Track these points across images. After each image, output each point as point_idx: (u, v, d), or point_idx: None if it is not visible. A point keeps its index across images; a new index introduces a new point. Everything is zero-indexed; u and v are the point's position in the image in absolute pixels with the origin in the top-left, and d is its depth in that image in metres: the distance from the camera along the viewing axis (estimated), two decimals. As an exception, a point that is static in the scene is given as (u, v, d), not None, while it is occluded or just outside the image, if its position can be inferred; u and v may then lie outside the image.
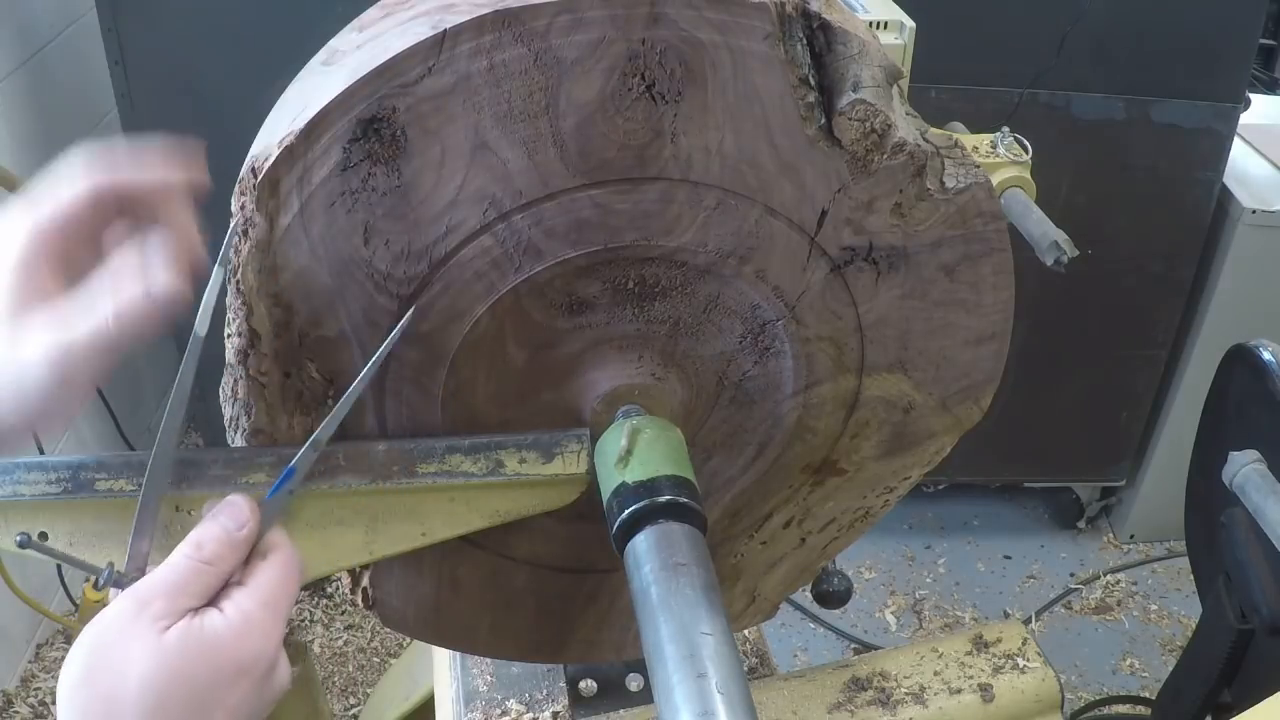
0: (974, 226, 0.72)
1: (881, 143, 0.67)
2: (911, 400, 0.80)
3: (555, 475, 0.71)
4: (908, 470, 0.85)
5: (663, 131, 0.65)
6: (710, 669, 0.56)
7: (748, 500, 0.83)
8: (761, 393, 0.78)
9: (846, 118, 0.66)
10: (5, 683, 2.16)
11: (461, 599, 0.83)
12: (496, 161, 0.64)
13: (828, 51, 0.65)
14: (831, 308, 0.74)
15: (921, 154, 0.69)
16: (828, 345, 0.75)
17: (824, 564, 0.91)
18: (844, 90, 0.66)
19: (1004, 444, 2.57)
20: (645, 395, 0.75)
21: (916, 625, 2.50)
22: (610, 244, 0.68)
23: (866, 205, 0.70)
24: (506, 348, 0.72)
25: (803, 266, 0.71)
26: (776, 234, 0.70)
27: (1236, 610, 1.31)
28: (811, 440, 0.80)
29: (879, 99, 0.66)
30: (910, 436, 0.82)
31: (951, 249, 0.73)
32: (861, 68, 0.66)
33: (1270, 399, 1.27)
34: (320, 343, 0.69)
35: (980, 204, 0.71)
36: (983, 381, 0.80)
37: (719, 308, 0.74)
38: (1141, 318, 2.42)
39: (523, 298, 0.70)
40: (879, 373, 0.78)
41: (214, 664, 0.55)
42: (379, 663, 2.34)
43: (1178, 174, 2.24)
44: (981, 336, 0.77)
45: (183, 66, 2.13)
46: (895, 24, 1.55)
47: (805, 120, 0.66)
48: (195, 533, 0.59)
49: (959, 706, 0.91)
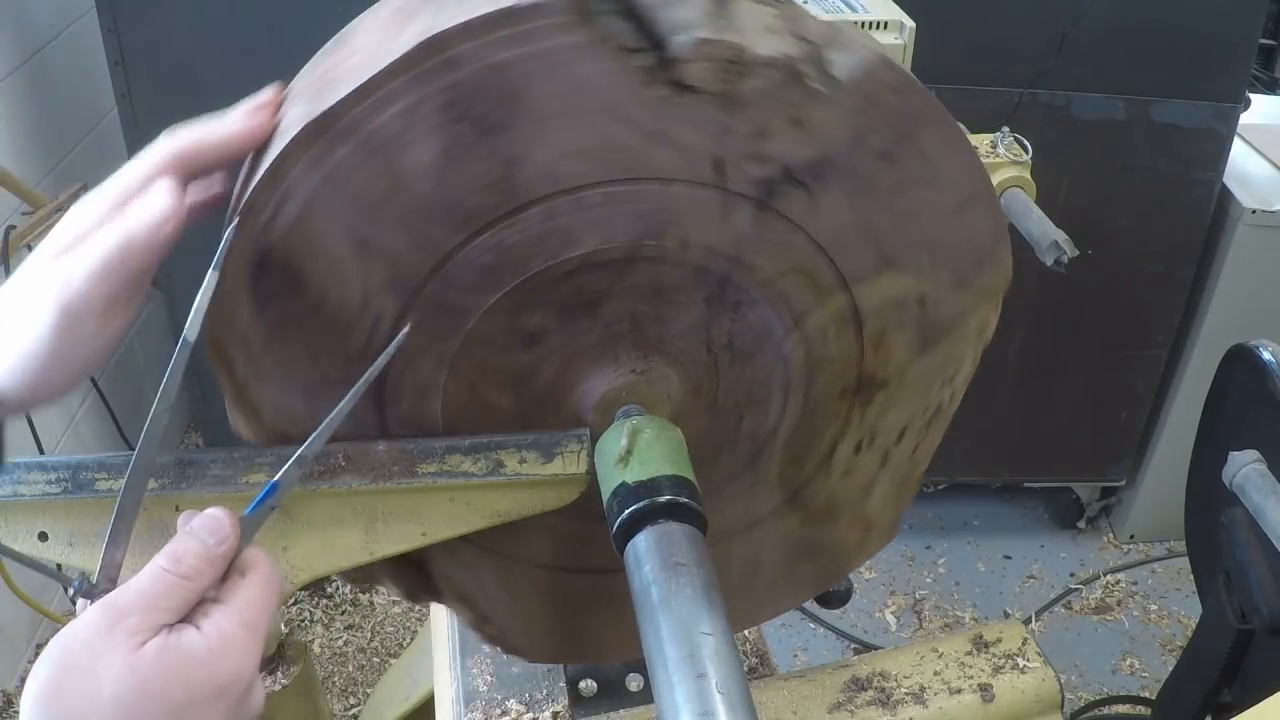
0: (890, 105, 0.67)
1: (740, 69, 0.63)
2: (920, 292, 0.75)
3: (555, 475, 0.71)
4: (957, 356, 0.80)
5: (513, 158, 0.64)
6: (710, 669, 0.56)
7: (801, 443, 0.81)
8: (756, 343, 0.76)
9: (688, 63, 0.63)
10: (5, 683, 2.16)
11: (579, 615, 0.86)
12: (383, 250, 0.65)
13: (644, 7, 0.62)
14: (777, 241, 0.70)
15: (791, 60, 0.64)
16: (794, 276, 0.72)
17: (921, 471, 0.88)
18: (674, 38, 0.62)
19: (1004, 444, 2.57)
20: (635, 392, 0.74)
21: (916, 625, 2.50)
22: (522, 276, 0.68)
23: (758, 133, 0.66)
24: (488, 399, 0.73)
25: (724, 217, 0.69)
26: (680, 200, 0.67)
27: (1236, 610, 1.31)
28: (833, 368, 0.77)
29: (715, 29, 0.63)
30: (939, 326, 0.78)
31: (878, 135, 0.68)
32: (682, 6, 0.62)
33: (1270, 399, 1.27)
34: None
35: (886, 81, 0.66)
36: (989, 243, 0.75)
37: (666, 287, 0.72)
38: (1141, 318, 2.43)
39: (473, 352, 0.71)
40: (867, 280, 0.74)
41: (190, 683, 0.53)
42: (379, 663, 2.34)
43: (1178, 174, 2.24)
44: (960, 204, 0.72)
45: (183, 66, 2.13)
46: (895, 24, 1.55)
47: (648, 85, 0.63)
48: (172, 545, 0.57)
49: (959, 706, 0.91)
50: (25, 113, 2.19)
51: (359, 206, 0.64)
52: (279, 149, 0.62)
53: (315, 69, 0.69)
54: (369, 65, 0.61)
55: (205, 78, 2.12)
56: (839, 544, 0.86)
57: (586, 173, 0.65)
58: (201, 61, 2.11)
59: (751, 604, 0.89)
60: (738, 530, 0.84)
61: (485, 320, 0.69)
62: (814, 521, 0.84)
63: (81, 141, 2.39)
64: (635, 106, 0.63)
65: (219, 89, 2.38)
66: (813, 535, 0.85)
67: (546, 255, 0.67)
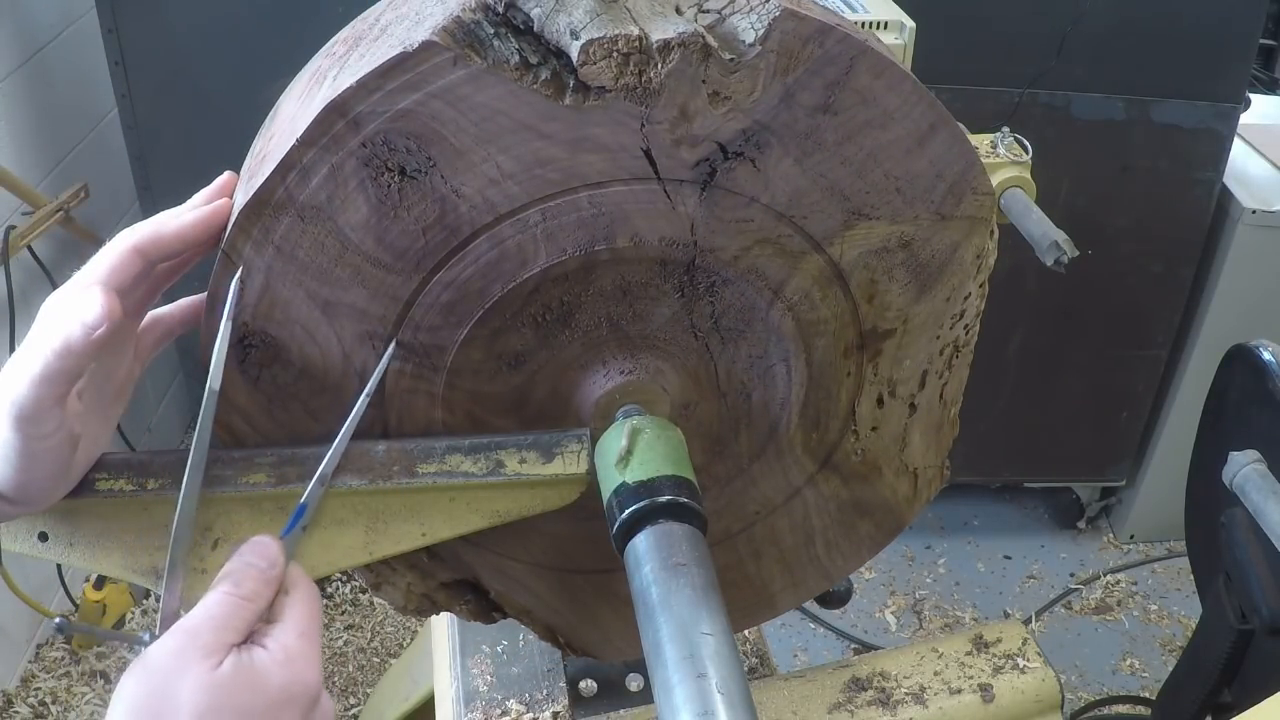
0: (810, 55, 0.65)
1: (644, 58, 0.63)
2: (900, 234, 0.74)
3: (555, 475, 0.71)
4: (961, 290, 0.79)
5: (444, 196, 0.65)
6: (710, 669, 0.56)
7: (818, 407, 0.80)
8: (742, 320, 0.75)
9: (588, 65, 0.63)
10: (5, 683, 2.16)
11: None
12: (348, 307, 0.68)
13: (530, 21, 0.63)
14: (733, 218, 0.70)
15: (695, 37, 0.63)
16: (761, 247, 0.71)
17: (956, 410, 0.87)
18: (568, 43, 0.63)
19: (1004, 444, 2.57)
20: (630, 392, 0.74)
21: (916, 625, 2.50)
22: (486, 305, 0.69)
23: (681, 117, 0.65)
24: (491, 424, 0.75)
25: (671, 207, 0.68)
26: (621, 200, 0.67)
27: (1236, 610, 1.31)
28: (828, 328, 0.76)
29: (606, 25, 0.63)
30: (932, 264, 0.76)
31: (808, 89, 0.66)
32: (568, 12, 0.63)
33: (1270, 399, 1.27)
34: None
35: (798, 34, 0.64)
36: (962, 170, 0.73)
37: (633, 286, 0.72)
38: (1141, 318, 2.43)
39: (462, 384, 0.72)
40: (839, 236, 0.72)
41: (266, 696, 0.57)
42: (379, 663, 2.34)
43: (1178, 174, 2.24)
44: (919, 136, 0.71)
45: (183, 66, 2.13)
46: (895, 24, 1.55)
47: (554, 96, 0.63)
48: (230, 570, 0.62)
49: (959, 706, 0.91)
50: (25, 113, 2.19)
51: (313, 272, 0.66)
52: (227, 234, 0.66)
53: (255, 146, 0.72)
54: (289, 137, 0.63)
55: (205, 78, 2.12)
56: (889, 497, 0.86)
57: (519, 194, 0.66)
58: (201, 61, 2.11)
59: (816, 570, 0.89)
60: (779, 503, 0.84)
61: (463, 353, 0.71)
62: (855, 481, 0.84)
63: (81, 141, 2.39)
64: (548, 120, 0.64)
65: (219, 89, 2.40)
66: (859, 494, 0.85)
67: (504, 280, 0.69)
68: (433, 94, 0.62)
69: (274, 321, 0.68)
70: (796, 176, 0.69)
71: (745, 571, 0.87)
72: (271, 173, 0.63)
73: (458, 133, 0.63)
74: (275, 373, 0.70)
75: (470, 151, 0.64)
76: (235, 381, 0.70)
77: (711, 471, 0.81)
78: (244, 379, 0.70)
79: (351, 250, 0.66)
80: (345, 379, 0.71)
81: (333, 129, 0.62)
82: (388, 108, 0.62)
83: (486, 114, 0.63)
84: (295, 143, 0.63)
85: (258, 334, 0.68)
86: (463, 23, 0.61)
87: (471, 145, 0.64)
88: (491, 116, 0.63)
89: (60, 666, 2.25)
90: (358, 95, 0.62)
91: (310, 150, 0.63)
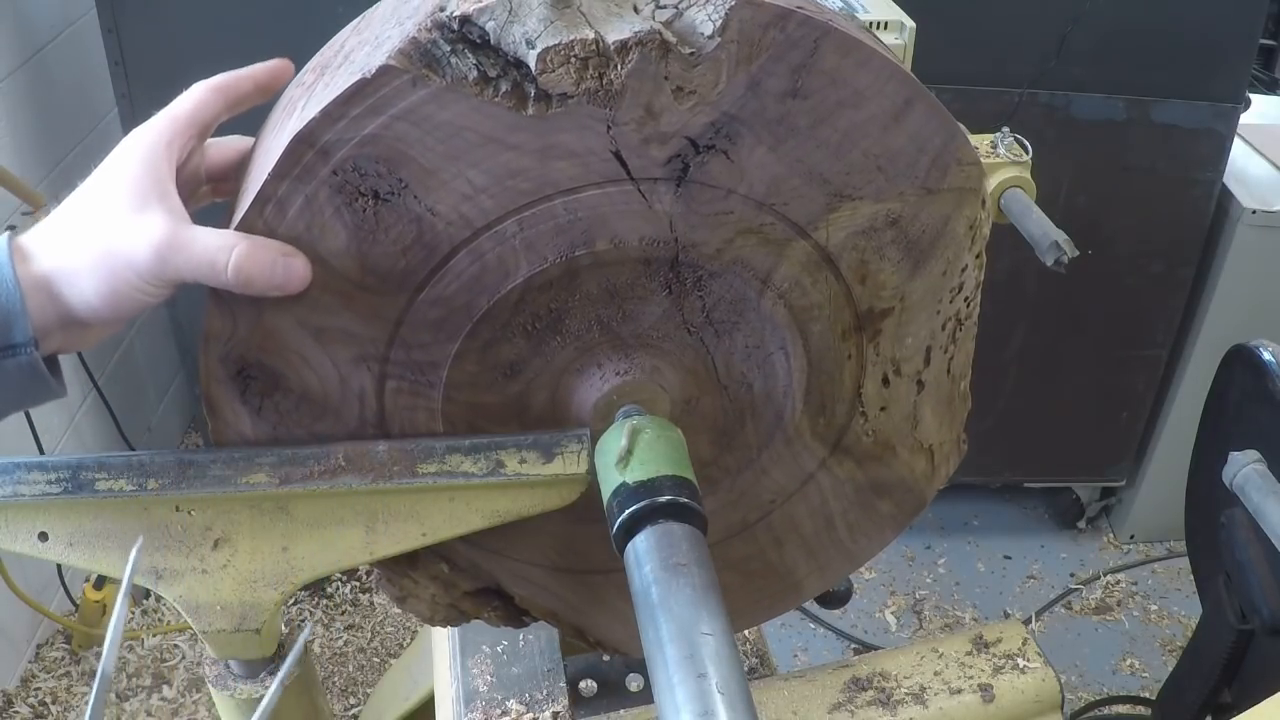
0: (772, 41, 0.64)
1: (603, 61, 0.63)
2: (887, 212, 0.72)
3: (555, 475, 0.71)
4: (957, 263, 0.78)
5: (420, 216, 0.66)
6: (710, 669, 0.56)
7: (820, 392, 0.80)
8: (735, 312, 0.75)
9: (547, 73, 0.63)
10: (5, 683, 2.16)
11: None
12: (338, 332, 0.69)
13: (487, 35, 0.63)
14: (711, 212, 0.69)
15: (652, 34, 0.63)
16: (744, 238, 0.71)
17: (967, 383, 0.86)
18: (525, 53, 0.62)
19: (1004, 444, 2.57)
20: (627, 393, 0.74)
21: (916, 625, 2.50)
22: (474, 318, 0.70)
23: (647, 116, 0.65)
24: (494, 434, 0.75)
25: (648, 206, 0.68)
26: (596, 203, 0.67)
27: (1236, 610, 1.32)
28: (823, 312, 0.76)
29: (561, 31, 0.62)
30: (923, 238, 0.75)
31: (774, 76, 0.65)
32: (522, 22, 0.63)
33: (1270, 399, 1.27)
34: None
35: (756, 21, 0.64)
36: (943, 143, 0.71)
37: (619, 287, 0.72)
38: (1141, 318, 2.43)
39: (460, 397, 0.73)
40: (823, 219, 0.71)
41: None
42: (379, 663, 2.34)
43: (1178, 174, 2.24)
44: (895, 112, 0.69)
45: (183, 67, 2.12)
46: (895, 24, 1.55)
47: (517, 107, 0.63)
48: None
49: (959, 706, 0.91)
50: (25, 113, 2.19)
51: (301, 300, 0.67)
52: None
53: (241, 179, 0.73)
54: (263, 171, 0.64)
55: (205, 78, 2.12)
56: (906, 476, 0.86)
57: (493, 207, 0.66)
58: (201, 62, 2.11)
59: (840, 553, 0.88)
60: (793, 490, 0.84)
61: (458, 366, 0.72)
62: (869, 462, 0.84)
63: (81, 141, 2.39)
64: (514, 131, 0.64)
65: (219, 89, 2.31)
66: (875, 475, 0.85)
67: (488, 293, 0.69)
68: (396, 116, 0.62)
69: (268, 351, 0.69)
70: (772, 164, 0.68)
71: (768, 560, 0.87)
72: (249, 207, 0.65)
73: (425, 152, 0.64)
74: (277, 401, 0.71)
75: (440, 169, 0.64)
76: (239, 413, 0.71)
77: (721, 464, 0.81)
78: (247, 410, 0.71)
79: (335, 276, 0.67)
80: (345, 403, 0.72)
81: (303, 159, 0.63)
82: (354, 134, 0.63)
83: (451, 131, 0.63)
84: (268, 176, 0.64)
85: (254, 365, 0.69)
86: (419, 43, 0.62)
87: (440, 163, 0.64)
88: (457, 133, 0.63)
89: (60, 666, 2.25)
90: (323, 124, 0.62)
91: (283, 183, 0.64)
